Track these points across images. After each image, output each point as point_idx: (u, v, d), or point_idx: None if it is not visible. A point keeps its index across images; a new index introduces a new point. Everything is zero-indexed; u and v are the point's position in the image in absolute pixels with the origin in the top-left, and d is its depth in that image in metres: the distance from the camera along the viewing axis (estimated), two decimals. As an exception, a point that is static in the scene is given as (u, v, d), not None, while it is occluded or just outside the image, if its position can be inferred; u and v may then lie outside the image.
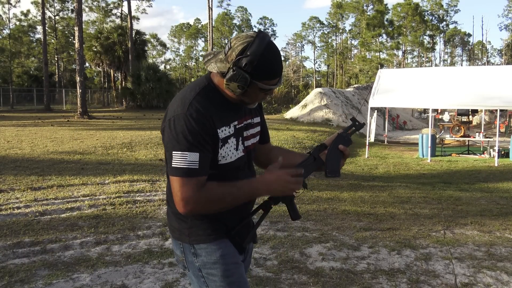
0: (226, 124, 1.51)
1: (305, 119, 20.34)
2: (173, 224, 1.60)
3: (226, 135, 1.50)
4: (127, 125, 17.02)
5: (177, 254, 1.62)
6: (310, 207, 5.77)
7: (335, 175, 1.63)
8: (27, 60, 50.36)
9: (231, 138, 1.52)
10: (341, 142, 1.65)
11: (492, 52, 74.24)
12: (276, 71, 1.45)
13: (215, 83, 1.52)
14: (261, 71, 1.41)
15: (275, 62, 1.44)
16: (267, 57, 1.41)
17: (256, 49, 1.39)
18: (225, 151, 1.50)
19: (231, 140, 1.53)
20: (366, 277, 3.49)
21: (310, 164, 1.63)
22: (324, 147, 1.66)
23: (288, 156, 1.76)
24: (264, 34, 1.44)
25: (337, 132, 1.69)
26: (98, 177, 6.83)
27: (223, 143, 1.49)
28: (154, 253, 3.92)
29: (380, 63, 53.99)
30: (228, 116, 1.52)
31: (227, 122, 1.51)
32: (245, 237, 1.61)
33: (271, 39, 1.46)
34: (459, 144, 14.72)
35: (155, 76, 31.31)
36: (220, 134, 1.48)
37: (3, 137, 12.06)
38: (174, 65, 77.99)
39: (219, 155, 1.49)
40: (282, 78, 1.56)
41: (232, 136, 1.53)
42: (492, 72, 12.96)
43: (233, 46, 1.43)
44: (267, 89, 1.47)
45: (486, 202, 6.43)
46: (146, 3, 70.25)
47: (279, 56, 1.46)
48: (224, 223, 1.57)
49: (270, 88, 1.47)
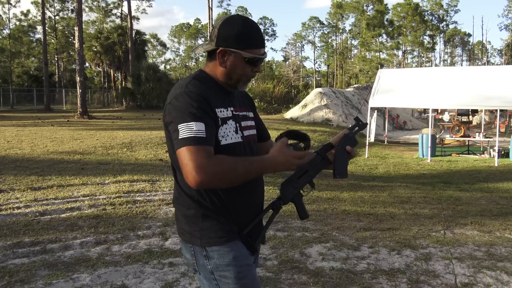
0: (223, 106, 1.54)
1: (305, 119, 20.33)
2: (183, 227, 1.58)
3: (225, 116, 1.53)
4: (127, 125, 17.01)
5: (187, 258, 1.59)
6: (310, 207, 5.77)
7: (343, 176, 1.63)
8: (27, 60, 50.36)
9: (230, 120, 1.55)
10: (348, 143, 1.65)
11: (492, 52, 74.34)
12: (257, 39, 1.53)
13: (207, 72, 1.58)
14: (242, 38, 1.49)
15: (254, 30, 1.53)
16: (246, 25, 1.51)
17: (235, 20, 1.51)
18: (225, 131, 1.52)
19: (230, 122, 1.55)
20: (366, 277, 3.49)
21: (318, 163, 1.63)
22: (330, 146, 1.65)
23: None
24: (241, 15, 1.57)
25: (343, 133, 1.69)
26: (98, 177, 6.83)
27: (222, 123, 1.51)
28: (154, 253, 3.92)
29: (380, 63, 54.02)
30: (224, 100, 1.56)
31: (223, 105, 1.55)
32: (257, 237, 1.60)
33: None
34: (459, 144, 14.71)
35: (155, 76, 31.31)
36: (218, 113, 1.50)
37: (3, 137, 12.06)
38: (174, 65, 78.10)
39: (219, 134, 1.50)
40: (266, 55, 1.59)
41: (231, 118, 1.55)
42: (492, 72, 12.95)
43: (215, 25, 1.54)
44: (251, 59, 1.52)
45: (486, 202, 6.43)
46: (146, 3, 70.39)
47: (258, 27, 1.55)
48: (235, 224, 1.56)
49: (254, 57, 1.51)
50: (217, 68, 1.55)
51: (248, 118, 1.67)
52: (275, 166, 1.48)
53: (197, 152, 1.36)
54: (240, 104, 1.65)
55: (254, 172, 1.47)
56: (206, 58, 1.61)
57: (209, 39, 1.55)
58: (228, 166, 1.40)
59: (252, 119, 1.71)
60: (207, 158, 1.37)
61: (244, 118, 1.64)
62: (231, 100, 1.60)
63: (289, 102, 28.85)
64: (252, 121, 1.70)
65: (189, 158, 1.36)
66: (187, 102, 1.43)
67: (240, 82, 1.58)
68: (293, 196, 1.62)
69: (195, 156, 1.36)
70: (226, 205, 1.54)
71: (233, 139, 1.54)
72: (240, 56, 1.51)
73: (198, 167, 1.35)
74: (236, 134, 1.56)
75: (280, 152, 1.49)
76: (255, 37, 1.52)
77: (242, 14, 27.51)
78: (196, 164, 1.35)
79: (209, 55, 1.58)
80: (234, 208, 1.55)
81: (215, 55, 1.54)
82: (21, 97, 38.82)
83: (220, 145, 1.50)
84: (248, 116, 1.68)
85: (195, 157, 1.36)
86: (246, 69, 1.54)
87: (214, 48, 1.52)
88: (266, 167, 1.48)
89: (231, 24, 1.50)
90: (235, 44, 1.49)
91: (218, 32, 1.50)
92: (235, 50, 1.50)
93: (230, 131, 1.54)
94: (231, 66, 1.53)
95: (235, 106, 1.61)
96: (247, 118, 1.67)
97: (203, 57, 74.18)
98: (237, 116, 1.59)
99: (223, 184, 1.44)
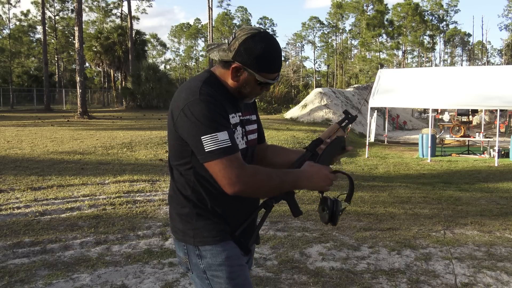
0: (233, 112, 1.52)
1: (305, 119, 20.33)
2: (176, 225, 1.58)
3: (235, 122, 1.52)
4: (127, 125, 17.01)
5: (180, 256, 1.60)
6: (310, 207, 5.77)
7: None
8: (27, 60, 50.35)
9: (238, 126, 1.54)
10: (337, 147, 1.65)
11: (492, 52, 74.35)
12: (275, 65, 1.48)
13: (216, 75, 1.54)
14: (260, 62, 1.44)
15: (276, 56, 1.47)
16: (268, 49, 1.45)
17: (259, 39, 1.44)
18: (235, 138, 1.50)
19: (238, 128, 1.54)
20: (366, 277, 3.49)
21: (308, 159, 1.63)
22: (320, 141, 1.65)
23: (283, 152, 1.77)
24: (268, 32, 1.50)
25: (332, 127, 1.69)
26: (98, 177, 6.83)
27: (234, 129, 1.50)
28: (154, 253, 3.92)
29: (380, 63, 54.00)
30: (233, 106, 1.54)
31: (233, 110, 1.53)
32: (250, 237, 1.60)
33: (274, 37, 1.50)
34: (459, 144, 14.71)
35: (155, 76, 31.29)
36: (231, 119, 1.49)
37: (3, 137, 12.06)
38: (174, 65, 78.10)
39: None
40: (279, 77, 1.56)
41: (238, 124, 1.54)
42: (492, 72, 12.95)
43: (237, 36, 1.46)
44: (264, 83, 1.50)
45: (486, 202, 6.43)
46: (146, 3, 70.36)
47: (280, 52, 1.50)
48: (228, 224, 1.55)
49: (267, 82, 1.49)
50: (228, 78, 1.52)
51: (251, 121, 1.66)
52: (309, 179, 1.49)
53: (229, 163, 1.37)
54: (246, 108, 1.64)
55: (288, 184, 1.47)
56: (219, 61, 1.58)
57: (227, 47, 1.48)
58: (265, 175, 1.43)
59: (255, 122, 1.70)
60: (241, 168, 1.39)
61: (248, 122, 1.63)
62: (239, 105, 1.59)
63: (289, 102, 28.84)
64: (254, 125, 1.69)
65: (224, 172, 1.37)
66: (205, 112, 1.38)
67: (247, 98, 1.57)
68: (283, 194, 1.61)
69: (229, 169, 1.37)
70: (221, 205, 1.53)
71: (240, 146, 1.52)
72: (253, 77, 1.48)
73: (234, 178, 1.37)
74: (242, 140, 1.55)
75: (314, 166, 1.51)
76: (273, 63, 1.48)
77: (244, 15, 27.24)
78: (232, 176, 1.37)
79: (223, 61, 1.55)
80: (229, 208, 1.54)
81: (225, 65, 1.51)
82: (21, 97, 38.83)
83: None
84: (252, 120, 1.67)
85: (229, 169, 1.37)
86: (256, 88, 1.52)
87: (229, 60, 1.48)
88: (301, 178, 1.49)
89: (255, 43, 1.43)
90: (252, 65, 1.45)
91: (239, 46, 1.44)
92: (251, 71, 1.46)
93: (238, 138, 1.52)
94: (243, 82, 1.50)
95: (242, 110, 1.60)
96: (251, 122, 1.66)
97: (203, 57, 74.12)
98: (243, 121, 1.58)
99: (259, 193, 1.46)
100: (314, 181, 1.50)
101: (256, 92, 1.54)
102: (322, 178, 1.50)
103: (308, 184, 1.50)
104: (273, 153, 1.75)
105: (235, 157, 1.39)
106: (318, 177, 1.50)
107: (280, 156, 1.75)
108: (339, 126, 1.70)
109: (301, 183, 1.49)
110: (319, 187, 1.52)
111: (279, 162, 1.72)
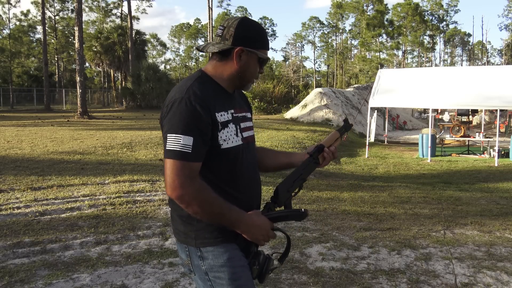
0: (224, 110, 1.54)
1: (305, 119, 20.32)
2: (178, 227, 1.58)
3: (225, 119, 1.53)
4: (127, 125, 17.01)
5: (182, 258, 1.60)
6: (310, 207, 5.77)
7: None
8: (27, 60, 50.32)
9: (230, 123, 1.55)
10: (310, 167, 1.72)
11: (492, 52, 74.36)
12: (267, 40, 1.61)
13: (209, 73, 1.58)
14: (258, 39, 1.56)
15: (265, 32, 1.62)
16: (258, 28, 1.57)
17: (248, 22, 1.56)
18: (226, 135, 1.52)
19: (231, 125, 1.55)
20: (366, 277, 3.49)
21: (311, 166, 1.72)
22: (321, 148, 1.73)
23: (272, 155, 1.83)
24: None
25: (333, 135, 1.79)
26: (98, 177, 6.83)
27: (223, 127, 1.51)
28: (154, 253, 3.92)
29: (380, 63, 53.96)
30: (224, 103, 1.56)
31: (224, 108, 1.54)
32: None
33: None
34: (459, 144, 14.71)
35: (155, 76, 31.31)
36: (218, 117, 1.50)
37: (3, 137, 12.06)
38: (174, 65, 78.06)
39: (220, 138, 1.50)
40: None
41: (231, 121, 1.55)
42: (492, 72, 12.95)
43: (228, 25, 1.54)
44: (263, 60, 1.59)
45: (486, 202, 6.43)
46: (146, 3, 70.20)
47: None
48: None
49: (265, 58, 1.59)
50: (224, 68, 1.56)
51: (246, 119, 1.67)
52: (247, 227, 1.50)
53: (180, 168, 1.40)
54: (240, 105, 1.66)
55: (227, 220, 1.48)
56: (209, 58, 1.61)
57: (221, 38, 1.54)
58: (206, 199, 1.43)
59: (250, 119, 1.72)
60: (189, 178, 1.40)
61: (243, 119, 1.64)
62: (232, 102, 1.60)
63: (289, 102, 28.80)
64: (250, 122, 1.71)
65: (171, 173, 1.40)
66: (182, 112, 1.42)
67: (249, 83, 1.61)
68: (286, 199, 1.66)
69: (176, 173, 1.40)
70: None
71: (234, 142, 1.54)
72: (255, 57, 1.56)
73: (178, 184, 1.40)
74: (236, 137, 1.56)
75: (261, 217, 1.54)
76: (267, 39, 1.61)
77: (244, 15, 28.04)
78: (176, 181, 1.40)
79: (214, 55, 1.57)
80: None
81: (223, 56, 1.55)
82: (21, 97, 38.84)
83: (221, 149, 1.50)
84: (247, 117, 1.68)
85: (176, 173, 1.40)
86: (256, 69, 1.59)
87: (230, 47, 1.52)
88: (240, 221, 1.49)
89: (248, 25, 1.54)
90: (251, 44, 1.54)
91: (235, 32, 1.51)
92: (252, 50, 1.54)
93: (231, 135, 1.53)
94: (245, 66, 1.55)
95: (235, 107, 1.61)
96: (246, 119, 1.67)
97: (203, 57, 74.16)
98: (236, 118, 1.59)
99: (194, 210, 1.45)
100: (253, 232, 1.51)
101: (255, 74, 1.60)
102: (262, 233, 1.52)
103: (246, 232, 1.51)
104: (262, 156, 1.78)
105: (189, 165, 1.41)
106: (258, 230, 1.52)
107: (270, 158, 1.81)
108: (339, 134, 1.79)
109: (240, 227, 1.50)
110: (255, 240, 1.54)
111: (269, 164, 1.79)
